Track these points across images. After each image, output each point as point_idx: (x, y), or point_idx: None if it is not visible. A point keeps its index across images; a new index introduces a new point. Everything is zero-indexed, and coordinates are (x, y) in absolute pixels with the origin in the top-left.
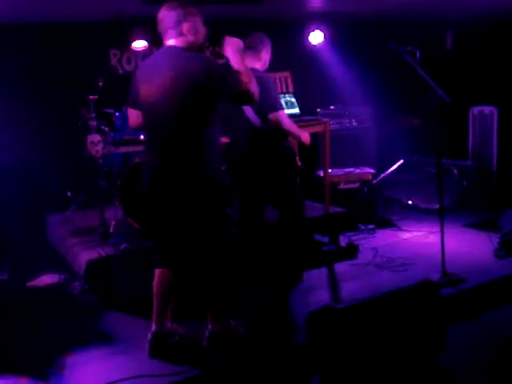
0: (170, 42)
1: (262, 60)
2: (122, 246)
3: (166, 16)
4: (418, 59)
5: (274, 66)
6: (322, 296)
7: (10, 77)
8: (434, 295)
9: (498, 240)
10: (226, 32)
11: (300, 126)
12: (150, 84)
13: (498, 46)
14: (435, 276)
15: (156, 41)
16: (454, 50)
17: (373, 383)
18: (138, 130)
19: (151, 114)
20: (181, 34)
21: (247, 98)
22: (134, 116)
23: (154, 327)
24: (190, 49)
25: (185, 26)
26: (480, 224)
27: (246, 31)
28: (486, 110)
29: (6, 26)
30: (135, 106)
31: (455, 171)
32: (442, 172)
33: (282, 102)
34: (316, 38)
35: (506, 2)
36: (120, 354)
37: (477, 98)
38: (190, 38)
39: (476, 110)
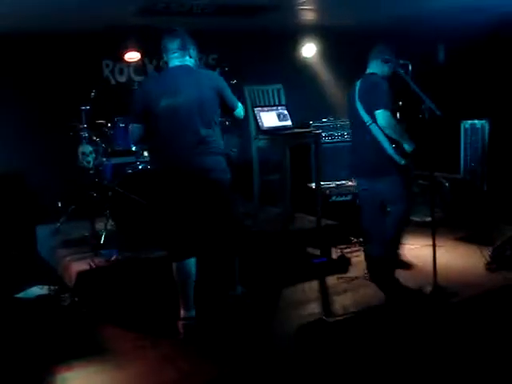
0: (182, 61)
1: None
2: (113, 258)
3: (174, 41)
4: (411, 72)
5: (266, 78)
6: (312, 309)
7: (1, 87)
8: (425, 309)
9: (489, 253)
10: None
11: (292, 138)
12: (175, 95)
13: (489, 60)
14: (427, 289)
15: (148, 52)
16: (445, 64)
17: None
18: (142, 141)
19: (173, 122)
20: (192, 57)
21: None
22: (137, 129)
23: (182, 313)
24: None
25: (191, 51)
26: (472, 237)
27: (240, 43)
28: (478, 123)
29: None
30: (140, 119)
31: (446, 184)
32: (434, 185)
33: (274, 114)
34: (308, 50)
35: (497, 17)
36: (110, 367)
37: (469, 111)
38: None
39: (468, 123)
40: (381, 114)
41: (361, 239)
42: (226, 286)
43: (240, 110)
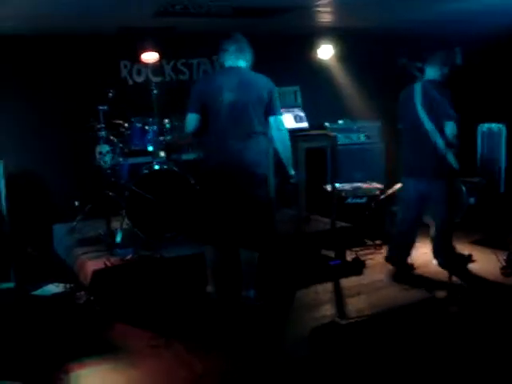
0: (235, 63)
1: None
2: (128, 257)
3: (232, 44)
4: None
5: (283, 80)
6: (326, 311)
7: (21, 87)
8: (440, 312)
9: (505, 258)
10: None
11: (308, 140)
12: (233, 91)
13: (507, 64)
14: (441, 293)
15: (166, 53)
16: (463, 67)
17: None
18: (196, 132)
19: (230, 115)
20: (247, 61)
21: None
22: (194, 120)
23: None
24: None
25: (247, 55)
26: (488, 241)
27: (256, 45)
28: (495, 127)
29: (19, 36)
30: (198, 111)
31: (463, 188)
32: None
33: (290, 116)
34: (326, 52)
35: None
36: (123, 366)
37: (486, 114)
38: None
39: (485, 126)
40: (450, 125)
41: (376, 242)
42: (241, 286)
43: (280, 119)
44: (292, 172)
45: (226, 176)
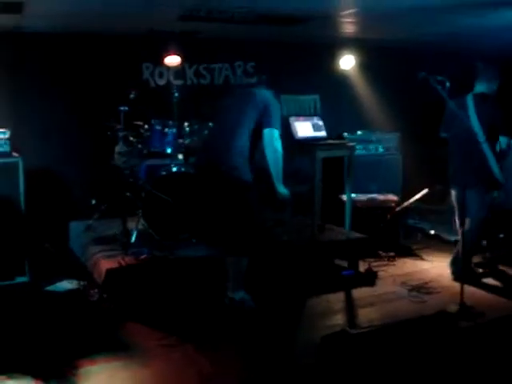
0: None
1: None
2: (143, 257)
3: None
4: (448, 89)
5: (303, 88)
6: (337, 320)
7: (45, 84)
8: (450, 326)
9: None
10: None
11: (325, 149)
12: (232, 99)
13: None
14: (453, 308)
15: (188, 57)
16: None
17: None
18: None
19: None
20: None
21: None
22: None
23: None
24: None
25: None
26: (501, 258)
27: (278, 52)
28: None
29: (46, 34)
30: None
31: None
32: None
33: (309, 124)
34: (347, 62)
35: None
36: (133, 364)
37: (506, 130)
38: None
39: (503, 142)
40: (504, 139)
41: (390, 254)
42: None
43: (275, 134)
44: (281, 190)
45: (210, 177)
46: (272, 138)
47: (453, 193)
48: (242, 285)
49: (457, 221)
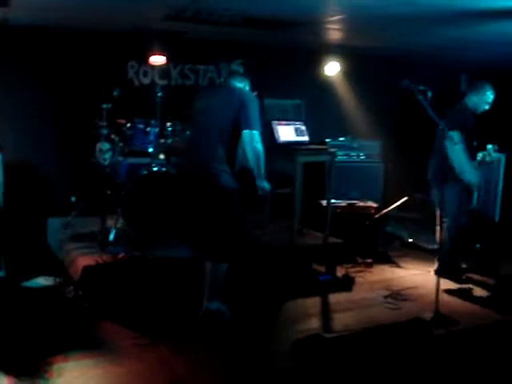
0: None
1: None
2: (120, 255)
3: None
4: (429, 99)
5: (287, 93)
6: (313, 324)
7: (26, 79)
8: (424, 334)
9: (493, 285)
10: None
11: (306, 154)
12: (206, 99)
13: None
14: (428, 315)
15: (174, 57)
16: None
17: None
18: None
19: (200, 124)
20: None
21: None
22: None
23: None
24: None
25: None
26: (478, 268)
27: (264, 56)
28: (494, 156)
29: (29, 29)
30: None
31: None
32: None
33: (291, 129)
34: (332, 68)
35: None
36: (106, 362)
37: (486, 142)
38: None
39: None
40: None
41: (368, 260)
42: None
43: (255, 135)
44: (262, 184)
45: (192, 183)
46: (252, 140)
47: (433, 193)
48: (219, 294)
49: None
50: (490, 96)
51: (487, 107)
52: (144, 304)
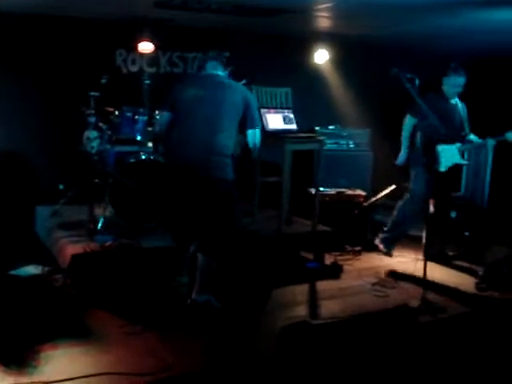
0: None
1: None
2: (108, 244)
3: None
4: (418, 87)
5: (275, 80)
6: (300, 312)
7: (12, 66)
8: (410, 321)
9: (481, 273)
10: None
11: (295, 142)
12: (201, 89)
13: (498, 82)
14: (415, 303)
15: (162, 45)
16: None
17: None
18: (166, 130)
19: (196, 113)
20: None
21: None
22: (166, 117)
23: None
24: None
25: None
26: (466, 255)
27: (253, 43)
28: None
29: (15, 15)
30: (170, 108)
31: None
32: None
33: (280, 117)
34: (321, 56)
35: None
36: (94, 350)
37: (475, 131)
38: None
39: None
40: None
41: (356, 248)
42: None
43: (257, 134)
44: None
45: (190, 176)
46: (255, 137)
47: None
48: (209, 287)
49: None
50: (457, 79)
51: (459, 90)
52: (132, 292)
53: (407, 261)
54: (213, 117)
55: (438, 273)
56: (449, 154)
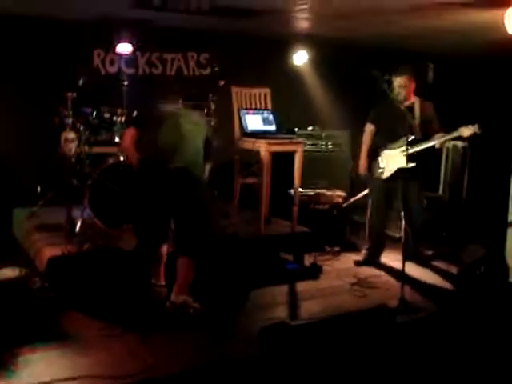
0: None
1: None
2: (86, 246)
3: None
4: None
5: (255, 82)
6: (279, 313)
7: None
8: (388, 320)
9: (458, 273)
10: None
11: (274, 144)
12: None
13: (475, 82)
14: (393, 303)
15: (141, 46)
16: (434, 83)
17: None
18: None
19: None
20: None
21: None
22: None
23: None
24: None
25: None
26: (443, 255)
27: (232, 45)
28: (460, 144)
29: None
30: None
31: (424, 201)
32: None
33: (259, 118)
34: (300, 58)
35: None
36: (73, 353)
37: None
38: None
39: (450, 143)
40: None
41: (335, 248)
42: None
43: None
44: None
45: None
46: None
47: None
48: (187, 289)
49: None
50: (396, 79)
51: (401, 90)
52: (110, 295)
53: (386, 261)
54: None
55: (415, 272)
56: (392, 159)
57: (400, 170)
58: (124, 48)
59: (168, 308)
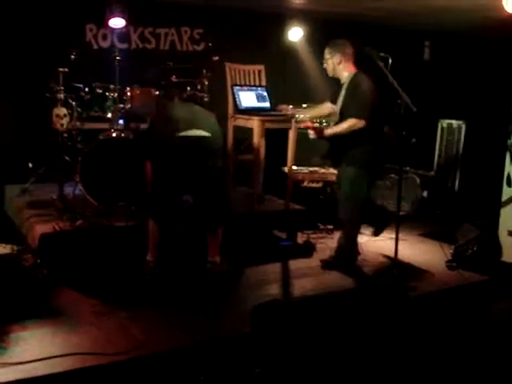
0: None
1: None
2: (78, 223)
3: None
4: (390, 66)
5: (249, 58)
6: (272, 290)
7: None
8: (382, 298)
9: (451, 251)
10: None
11: (269, 121)
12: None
13: (472, 62)
14: (385, 281)
15: (133, 21)
16: (430, 62)
17: (313, 379)
18: None
19: None
20: None
21: None
22: None
23: (148, 256)
24: None
25: None
26: (436, 234)
27: (226, 20)
28: (455, 123)
29: None
30: None
31: (418, 180)
32: (405, 180)
33: (253, 95)
34: (295, 34)
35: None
36: (65, 330)
37: (447, 111)
38: None
39: (445, 122)
40: None
41: (329, 226)
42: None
43: None
44: None
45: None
46: None
47: None
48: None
49: None
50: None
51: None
52: (102, 271)
53: (380, 239)
54: None
55: (409, 251)
56: None
57: None
58: (116, 22)
59: (210, 269)
